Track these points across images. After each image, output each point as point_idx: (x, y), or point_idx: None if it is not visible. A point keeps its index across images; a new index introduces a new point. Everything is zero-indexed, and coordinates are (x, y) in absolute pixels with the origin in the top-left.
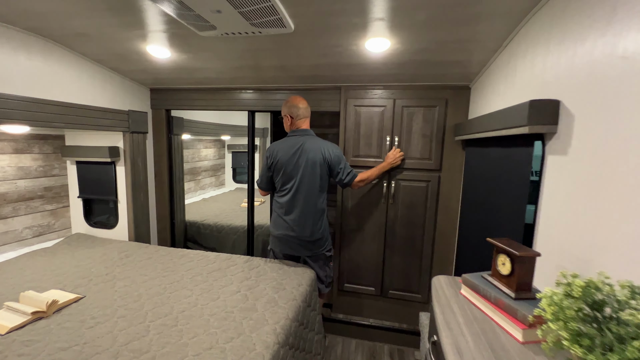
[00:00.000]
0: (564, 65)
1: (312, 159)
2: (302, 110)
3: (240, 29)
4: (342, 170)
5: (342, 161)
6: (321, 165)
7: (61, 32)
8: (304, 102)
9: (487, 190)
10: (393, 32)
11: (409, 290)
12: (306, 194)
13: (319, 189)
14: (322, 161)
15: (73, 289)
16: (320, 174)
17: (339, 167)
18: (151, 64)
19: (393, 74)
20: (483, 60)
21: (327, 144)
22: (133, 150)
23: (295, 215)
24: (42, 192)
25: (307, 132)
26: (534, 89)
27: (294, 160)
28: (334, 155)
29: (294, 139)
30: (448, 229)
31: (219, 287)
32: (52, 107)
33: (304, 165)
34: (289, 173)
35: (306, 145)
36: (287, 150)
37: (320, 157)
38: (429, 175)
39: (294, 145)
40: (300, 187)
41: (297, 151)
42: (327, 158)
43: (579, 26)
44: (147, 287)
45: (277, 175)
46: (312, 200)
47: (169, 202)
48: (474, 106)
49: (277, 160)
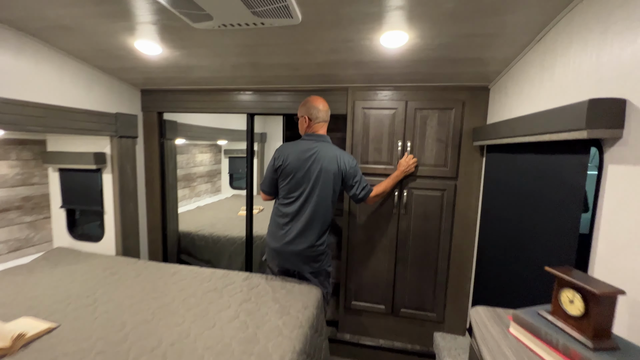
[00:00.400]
0: (628, 58)
1: (326, 168)
2: (322, 113)
3: (240, 20)
4: (357, 184)
5: (357, 174)
6: (335, 176)
7: (36, 24)
8: (325, 105)
9: (515, 202)
10: (413, 24)
11: (423, 309)
12: (315, 205)
13: (329, 201)
14: (336, 172)
15: (47, 316)
16: (333, 186)
17: (353, 180)
18: (141, 61)
19: (406, 73)
20: (508, 57)
21: (344, 154)
22: (121, 156)
23: (300, 227)
24: (19, 202)
25: (323, 138)
26: (583, 88)
27: (305, 166)
28: (350, 166)
29: (308, 143)
30: (465, 243)
31: (215, 312)
32: (28, 108)
33: (316, 174)
34: (298, 180)
35: (321, 152)
36: (299, 155)
37: (335, 167)
38: (444, 183)
39: (307, 151)
40: (310, 197)
41: (310, 157)
42: (342, 169)
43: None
44: (133, 312)
45: (283, 180)
46: (320, 212)
47: (161, 212)
48: (494, 109)
49: (287, 164)
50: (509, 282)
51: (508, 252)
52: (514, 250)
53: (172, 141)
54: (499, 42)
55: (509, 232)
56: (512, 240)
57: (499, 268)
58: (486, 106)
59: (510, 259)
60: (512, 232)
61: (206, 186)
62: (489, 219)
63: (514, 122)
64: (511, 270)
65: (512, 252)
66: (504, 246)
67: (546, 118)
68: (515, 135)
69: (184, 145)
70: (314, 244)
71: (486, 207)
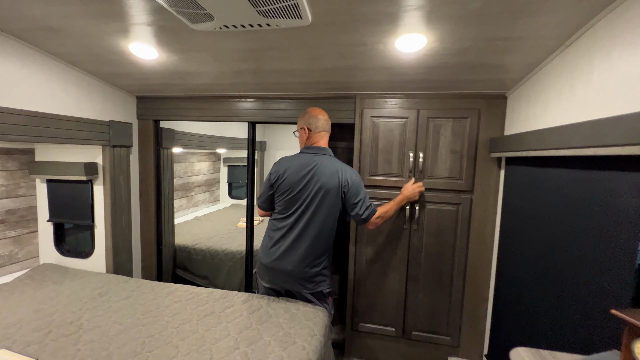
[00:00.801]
0: None
1: (325, 185)
2: (322, 122)
3: (243, 20)
4: (360, 203)
5: (361, 191)
6: (336, 193)
7: (20, 24)
8: (324, 114)
9: (544, 222)
10: (432, 26)
11: (436, 332)
12: (312, 223)
13: (329, 220)
14: (337, 188)
15: (23, 348)
16: (333, 203)
17: (356, 199)
18: (136, 66)
19: (419, 80)
20: (532, 63)
21: (346, 168)
22: (114, 167)
23: (292, 246)
24: (3, 216)
25: (324, 151)
26: (634, 95)
27: (303, 182)
28: (353, 183)
29: (308, 157)
30: (482, 261)
31: (212, 342)
32: (11, 116)
33: (315, 191)
34: (294, 196)
35: (321, 167)
36: (297, 170)
37: (335, 183)
38: (459, 197)
39: (306, 165)
40: (305, 214)
41: (310, 172)
42: (343, 185)
43: None
44: (120, 342)
45: (280, 196)
46: (317, 231)
47: (156, 226)
48: (512, 118)
49: (284, 179)
50: (534, 310)
51: (534, 276)
52: (542, 275)
53: (169, 150)
54: (525, 46)
55: (535, 254)
56: (540, 264)
57: (522, 292)
58: (503, 115)
59: (537, 285)
60: (540, 254)
61: (204, 196)
62: (510, 236)
63: (545, 133)
64: (538, 297)
65: (540, 278)
66: (529, 269)
67: (592, 129)
68: (548, 147)
69: (181, 154)
70: (307, 264)
71: (506, 223)
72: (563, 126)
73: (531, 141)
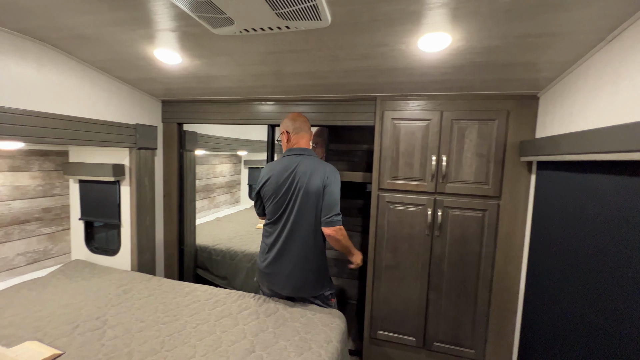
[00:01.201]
0: None
1: (306, 185)
2: (299, 124)
3: (263, 23)
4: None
5: (333, 192)
6: (318, 192)
7: (56, 34)
8: (302, 117)
9: (582, 232)
10: (458, 23)
11: (459, 344)
12: (299, 226)
13: (315, 221)
14: (319, 187)
15: (53, 341)
16: (316, 203)
17: (330, 201)
18: (161, 71)
19: (443, 80)
20: (569, 60)
21: (328, 168)
22: (140, 168)
23: (283, 250)
24: (39, 213)
25: (304, 152)
26: None
27: (285, 185)
28: (331, 185)
29: (289, 159)
30: (510, 271)
31: (229, 344)
32: (48, 120)
33: (296, 193)
34: (279, 201)
35: (301, 167)
36: (280, 174)
37: (316, 182)
38: (485, 203)
39: (287, 168)
40: (291, 217)
41: (290, 175)
42: (324, 183)
43: None
44: (141, 339)
45: (267, 201)
46: (305, 234)
47: (178, 226)
48: (545, 120)
49: (268, 184)
50: (574, 326)
51: (573, 290)
52: (586, 290)
53: (191, 152)
54: (560, 43)
55: (572, 268)
56: (583, 277)
57: (557, 309)
58: (534, 117)
59: (578, 299)
60: (579, 269)
61: (225, 197)
62: (542, 246)
63: (584, 135)
64: (578, 311)
65: (583, 292)
66: (567, 282)
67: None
68: (587, 151)
69: (204, 156)
70: (302, 268)
71: (537, 231)
72: (605, 128)
73: (567, 144)
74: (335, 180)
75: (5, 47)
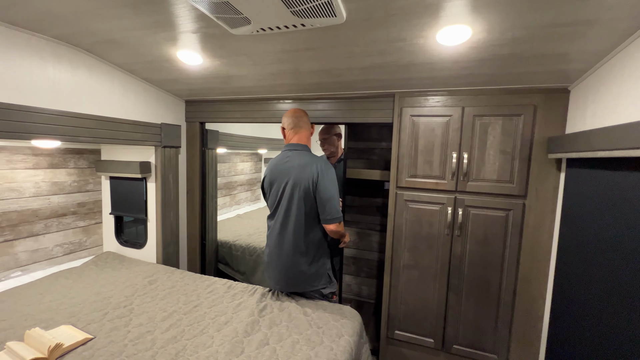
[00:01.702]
0: None
1: (295, 182)
2: (294, 119)
3: (278, 22)
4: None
5: (331, 192)
6: (307, 187)
7: (89, 39)
8: (300, 112)
9: (618, 234)
10: (479, 15)
11: (480, 348)
12: (289, 221)
13: (305, 216)
14: (308, 182)
15: (85, 326)
16: (305, 198)
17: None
18: (184, 72)
19: (464, 75)
20: (603, 49)
21: (319, 163)
22: (164, 166)
23: (278, 245)
24: (75, 208)
25: (297, 147)
26: None
27: (278, 179)
28: (323, 181)
29: (283, 155)
30: (536, 274)
31: (244, 335)
32: (81, 120)
33: (288, 187)
34: (274, 195)
35: (291, 161)
36: (274, 169)
37: (305, 177)
38: (510, 202)
39: (280, 162)
40: (281, 211)
41: (283, 169)
42: (314, 181)
43: None
44: (164, 328)
45: (267, 196)
46: (295, 229)
47: (200, 221)
48: (576, 114)
49: (265, 179)
50: (607, 336)
51: (607, 296)
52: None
53: (213, 150)
54: (594, 31)
55: (609, 270)
56: (617, 283)
57: (590, 317)
58: (564, 112)
59: (611, 306)
60: (616, 272)
61: (246, 194)
62: (572, 249)
63: (621, 130)
64: (612, 320)
65: (617, 300)
66: (600, 288)
67: None
68: (625, 147)
69: (225, 154)
70: (296, 262)
71: (567, 233)
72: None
73: (601, 140)
74: (326, 174)
75: (44, 53)
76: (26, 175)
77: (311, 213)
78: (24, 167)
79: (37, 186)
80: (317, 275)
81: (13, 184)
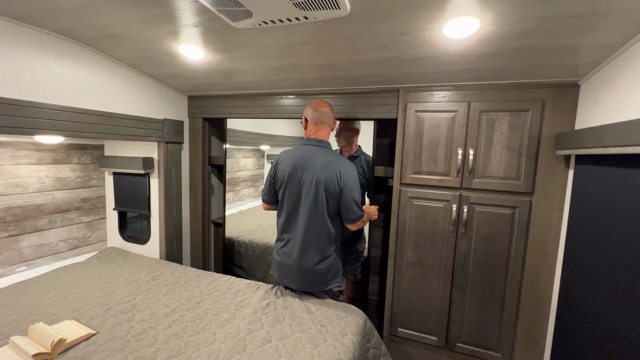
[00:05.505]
0: None
1: (318, 177)
2: (319, 114)
3: (281, 14)
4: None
5: (355, 193)
6: (331, 185)
7: (89, 33)
8: (326, 107)
9: (630, 233)
10: (487, 6)
11: (485, 346)
12: (307, 217)
13: (325, 214)
14: (332, 181)
15: (88, 321)
16: (327, 196)
17: (351, 201)
18: (185, 67)
19: (471, 69)
20: (616, 42)
21: (344, 163)
22: (167, 162)
23: (291, 242)
24: (79, 203)
25: (320, 143)
26: None
27: (297, 174)
28: (349, 182)
29: (304, 148)
30: (542, 273)
31: (247, 332)
32: (83, 116)
33: (308, 184)
34: (290, 189)
35: (314, 158)
36: (293, 162)
37: (330, 176)
38: (516, 199)
39: (301, 157)
40: (301, 208)
41: (303, 165)
42: (339, 180)
43: None
44: (166, 324)
45: (279, 189)
46: (314, 227)
47: (202, 218)
48: (586, 110)
49: (281, 171)
50: (615, 337)
51: (615, 296)
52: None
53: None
54: (606, 23)
55: (617, 270)
56: (627, 283)
57: (597, 314)
58: (574, 107)
59: (620, 307)
60: (626, 271)
61: (249, 190)
62: (580, 248)
63: (633, 125)
64: (621, 321)
65: (627, 300)
66: (608, 287)
67: None
68: (637, 143)
69: (228, 150)
70: (309, 260)
71: (575, 231)
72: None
73: (612, 136)
74: (352, 177)
75: (46, 47)
76: (30, 171)
77: (334, 211)
78: (28, 163)
79: (41, 182)
80: (331, 273)
81: (17, 179)
